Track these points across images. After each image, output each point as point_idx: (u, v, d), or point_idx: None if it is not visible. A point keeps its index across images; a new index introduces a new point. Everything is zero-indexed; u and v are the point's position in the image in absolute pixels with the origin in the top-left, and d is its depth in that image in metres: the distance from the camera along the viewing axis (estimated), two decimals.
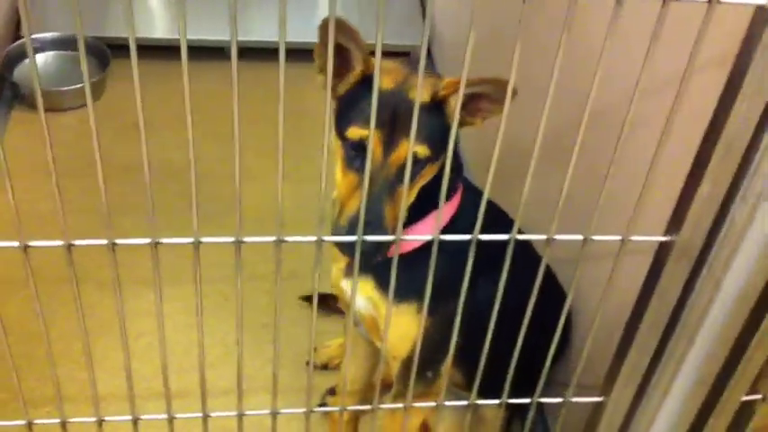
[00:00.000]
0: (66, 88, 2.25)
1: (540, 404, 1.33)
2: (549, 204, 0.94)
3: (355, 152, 1.09)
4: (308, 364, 1.69)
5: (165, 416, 0.87)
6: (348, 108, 1.10)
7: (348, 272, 1.25)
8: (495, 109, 1.08)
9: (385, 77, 1.09)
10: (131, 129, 2.19)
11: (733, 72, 0.75)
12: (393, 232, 1.07)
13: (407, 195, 1.08)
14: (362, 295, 1.22)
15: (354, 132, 1.07)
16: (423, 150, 1.07)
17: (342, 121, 1.10)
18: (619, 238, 0.83)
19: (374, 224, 1.04)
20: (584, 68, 1.33)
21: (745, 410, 1.04)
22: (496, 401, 0.98)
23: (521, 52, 0.76)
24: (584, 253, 0.87)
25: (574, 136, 0.93)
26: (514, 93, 0.99)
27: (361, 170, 1.08)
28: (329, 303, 1.71)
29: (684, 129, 0.84)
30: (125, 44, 2.40)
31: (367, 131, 1.06)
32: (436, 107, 1.08)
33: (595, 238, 0.82)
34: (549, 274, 1.30)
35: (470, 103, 1.08)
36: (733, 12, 0.71)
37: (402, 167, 1.07)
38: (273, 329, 0.84)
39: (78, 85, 2.25)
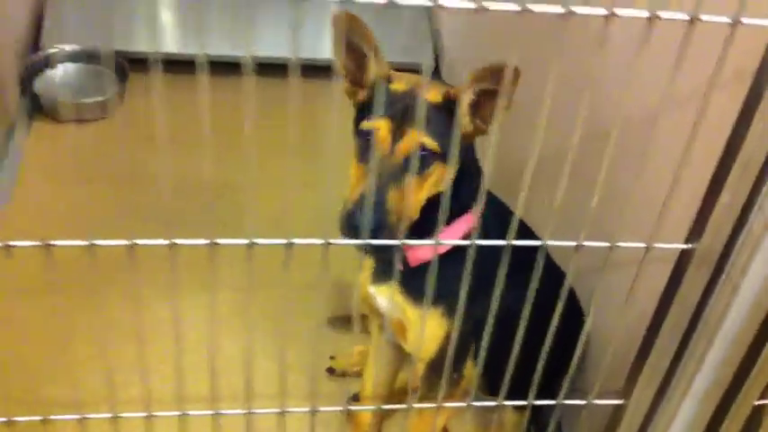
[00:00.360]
0: (87, 100, 2.30)
1: (556, 409, 1.37)
2: (566, 214, 0.98)
3: (366, 144, 1.14)
4: (332, 372, 1.73)
5: (210, 412, 0.92)
6: (363, 111, 1.16)
7: (374, 278, 1.30)
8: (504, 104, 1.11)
9: (399, 81, 1.15)
10: (150, 140, 2.24)
11: (751, 89, 0.81)
12: (396, 216, 1.11)
13: (417, 189, 1.12)
14: (391, 300, 1.27)
15: (366, 125, 1.13)
16: (429, 142, 1.11)
17: (358, 122, 1.16)
18: (643, 245, 0.88)
19: (377, 205, 1.08)
20: (605, 81, 1.39)
21: (756, 415, 1.09)
22: (523, 402, 1.03)
23: (535, 65, 0.81)
24: (607, 260, 0.92)
25: (590, 148, 0.97)
26: (517, 75, 1.03)
27: (367, 157, 1.13)
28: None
29: (704, 141, 0.89)
30: (144, 58, 2.45)
31: (376, 123, 1.11)
32: (448, 109, 1.13)
33: (621, 245, 0.87)
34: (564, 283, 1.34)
35: (482, 105, 1.12)
36: (752, 31, 0.76)
37: (409, 158, 1.11)
38: (292, 337, 0.88)
39: (99, 98, 2.31)
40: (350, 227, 1.09)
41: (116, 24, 2.53)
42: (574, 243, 0.87)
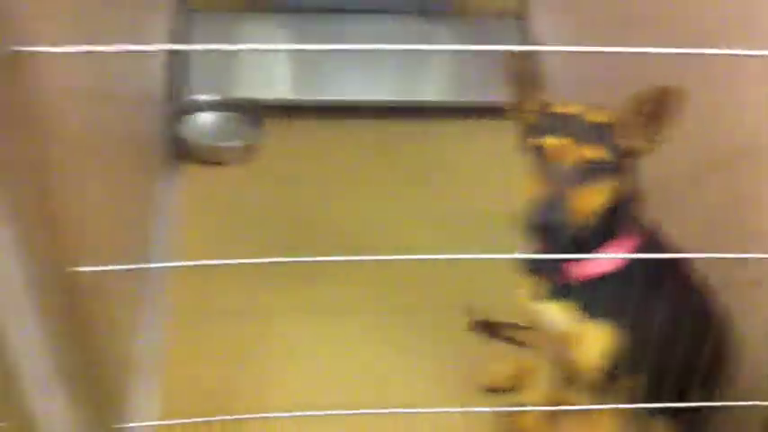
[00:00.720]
0: (230, 144, 2.48)
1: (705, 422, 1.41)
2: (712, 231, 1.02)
3: (541, 158, 1.22)
4: (485, 387, 1.78)
5: (404, 410, 1.00)
6: (535, 131, 1.25)
7: (541, 294, 1.37)
8: (666, 124, 1.18)
9: (565, 107, 1.25)
10: (287, 184, 2.39)
11: None
12: (573, 215, 1.19)
13: (588, 199, 1.20)
14: (558, 315, 1.35)
15: (541, 141, 1.22)
16: (598, 155, 1.19)
17: (529, 141, 1.26)
18: None
19: (555, 205, 1.18)
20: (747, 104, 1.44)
21: None
22: (705, 404, 1.08)
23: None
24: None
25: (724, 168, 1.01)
26: (683, 98, 1.12)
27: (542, 169, 1.22)
28: (497, 331, 1.88)
29: None
30: (278, 105, 2.68)
31: (551, 140, 1.21)
32: (613, 129, 1.21)
33: None
34: (711, 300, 1.38)
35: (647, 126, 1.19)
36: None
37: (581, 170, 1.19)
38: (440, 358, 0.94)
39: (241, 143, 2.48)
40: (538, 222, 1.18)
41: (251, 74, 2.72)
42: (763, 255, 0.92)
